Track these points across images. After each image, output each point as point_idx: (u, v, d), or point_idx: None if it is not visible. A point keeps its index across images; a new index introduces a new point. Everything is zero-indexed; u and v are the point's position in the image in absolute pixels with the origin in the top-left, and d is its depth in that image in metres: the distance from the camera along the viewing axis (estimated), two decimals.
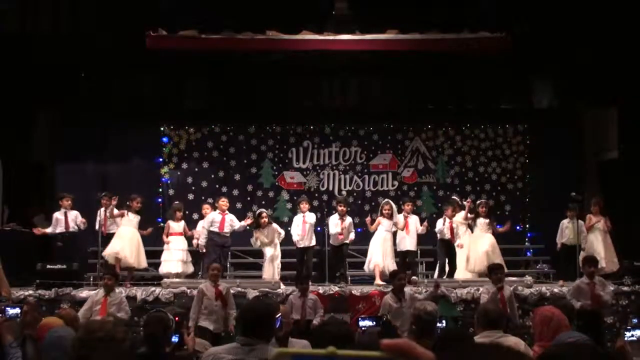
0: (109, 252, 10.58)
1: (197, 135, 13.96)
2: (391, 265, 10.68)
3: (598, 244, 10.89)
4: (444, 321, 6.59)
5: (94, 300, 8.41)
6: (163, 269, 11.02)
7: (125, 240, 10.71)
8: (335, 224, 11.11)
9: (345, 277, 11.07)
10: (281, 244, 11.27)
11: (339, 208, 11.23)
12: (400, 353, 1.04)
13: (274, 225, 11.19)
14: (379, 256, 10.75)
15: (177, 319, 5.30)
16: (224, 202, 11.17)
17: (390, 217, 10.97)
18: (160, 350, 4.40)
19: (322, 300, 9.37)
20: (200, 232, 11.30)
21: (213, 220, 11.02)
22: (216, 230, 10.96)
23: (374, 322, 6.03)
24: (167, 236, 11.20)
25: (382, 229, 10.95)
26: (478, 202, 11.66)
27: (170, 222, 11.31)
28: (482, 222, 11.12)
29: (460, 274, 11.06)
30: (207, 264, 10.74)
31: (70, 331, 4.60)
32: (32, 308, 4.97)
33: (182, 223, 11.37)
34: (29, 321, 4.81)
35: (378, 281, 10.46)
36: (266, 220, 10.99)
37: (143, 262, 11.04)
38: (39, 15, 10.54)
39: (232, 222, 11.12)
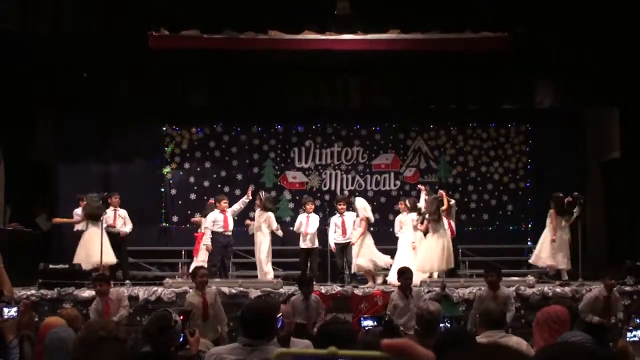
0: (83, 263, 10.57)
1: (199, 135, 13.98)
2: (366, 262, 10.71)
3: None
4: (447, 322, 6.58)
5: (98, 311, 8.16)
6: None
7: (84, 248, 10.65)
8: (335, 222, 11.11)
9: (356, 276, 11.00)
10: (283, 244, 11.26)
11: (338, 207, 11.22)
12: (401, 353, 1.03)
13: (270, 214, 11.14)
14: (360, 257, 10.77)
15: (182, 318, 5.28)
16: (226, 203, 11.14)
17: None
18: (161, 349, 4.38)
19: (324, 299, 9.35)
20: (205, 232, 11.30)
21: (215, 220, 11.00)
22: (220, 230, 10.94)
23: (376, 322, 6.02)
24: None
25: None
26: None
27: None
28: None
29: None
30: (211, 264, 10.75)
31: (72, 331, 4.60)
32: (28, 308, 4.97)
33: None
34: (27, 321, 4.81)
35: (380, 285, 10.49)
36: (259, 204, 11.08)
37: (105, 259, 10.81)
38: (40, 15, 10.54)
39: (233, 213, 11.16)
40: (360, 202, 11.14)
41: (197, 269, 8.35)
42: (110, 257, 10.83)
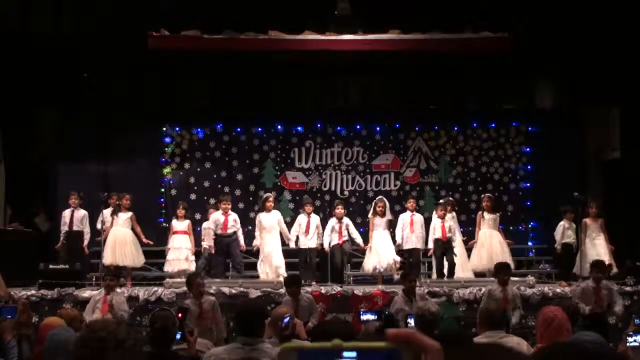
0: (107, 261, 10.53)
1: (200, 136, 13.98)
2: (392, 262, 10.73)
3: (600, 246, 10.84)
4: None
5: (95, 300, 8.36)
6: (167, 267, 11.07)
7: (117, 244, 10.63)
8: (332, 226, 11.08)
9: (342, 277, 11.00)
10: (283, 244, 11.23)
11: (336, 211, 11.21)
12: (407, 343, 1.03)
13: (277, 212, 11.20)
14: (377, 257, 10.76)
15: (180, 315, 5.28)
16: (225, 205, 11.06)
17: (383, 214, 10.99)
18: (163, 348, 4.38)
19: (324, 300, 9.34)
20: (206, 233, 11.27)
21: (217, 221, 10.99)
22: (219, 231, 10.93)
23: (376, 316, 5.98)
24: (171, 234, 11.23)
25: (379, 228, 10.97)
26: (482, 196, 11.68)
27: (173, 221, 11.34)
28: (488, 217, 11.14)
29: (461, 271, 11.06)
30: (213, 265, 10.77)
31: (71, 331, 4.59)
32: (26, 307, 4.96)
33: (187, 222, 11.38)
34: (25, 320, 4.80)
35: (380, 286, 10.48)
36: (272, 205, 11.06)
37: (137, 260, 10.93)
38: (41, 15, 10.56)
39: (236, 223, 11.06)
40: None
41: (193, 278, 8.00)
42: (138, 259, 10.95)
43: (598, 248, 10.76)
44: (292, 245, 11.21)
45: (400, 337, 1.03)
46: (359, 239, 11.19)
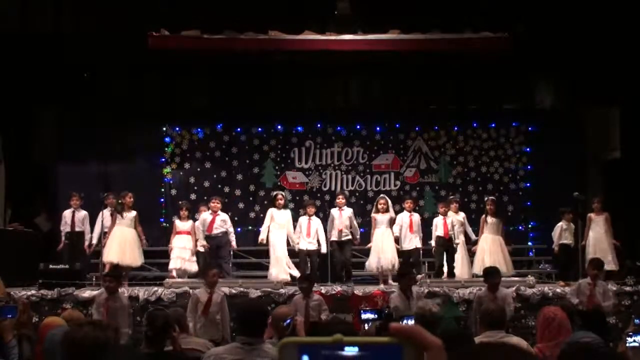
0: (107, 259, 10.49)
1: (200, 135, 13.98)
2: (394, 261, 10.68)
3: (602, 243, 10.88)
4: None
5: (98, 301, 8.28)
6: (172, 265, 11.03)
7: (116, 243, 10.58)
8: (333, 217, 11.06)
9: (350, 275, 10.97)
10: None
11: (337, 201, 11.19)
12: (409, 338, 1.02)
13: (288, 211, 11.21)
14: (379, 254, 10.73)
15: None
16: (214, 203, 11.03)
17: (385, 211, 10.97)
18: (160, 348, 4.38)
19: (324, 300, 9.32)
20: (198, 232, 11.26)
21: (204, 221, 10.95)
22: (206, 232, 10.89)
23: (376, 315, 5.96)
24: (174, 234, 11.21)
25: (381, 226, 10.94)
26: (486, 199, 11.65)
27: (176, 221, 11.32)
28: (490, 221, 11.12)
29: (464, 274, 11.04)
30: (203, 266, 10.72)
31: None
32: (26, 307, 4.96)
33: (190, 222, 11.34)
34: (25, 321, 4.80)
35: (381, 286, 10.46)
36: (282, 202, 11.04)
37: (137, 260, 10.86)
38: (41, 15, 10.56)
39: (224, 223, 10.98)
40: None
41: (208, 269, 8.58)
42: (137, 259, 10.82)
43: (600, 244, 10.79)
44: (296, 246, 11.14)
45: (403, 332, 1.03)
46: (357, 234, 11.15)
